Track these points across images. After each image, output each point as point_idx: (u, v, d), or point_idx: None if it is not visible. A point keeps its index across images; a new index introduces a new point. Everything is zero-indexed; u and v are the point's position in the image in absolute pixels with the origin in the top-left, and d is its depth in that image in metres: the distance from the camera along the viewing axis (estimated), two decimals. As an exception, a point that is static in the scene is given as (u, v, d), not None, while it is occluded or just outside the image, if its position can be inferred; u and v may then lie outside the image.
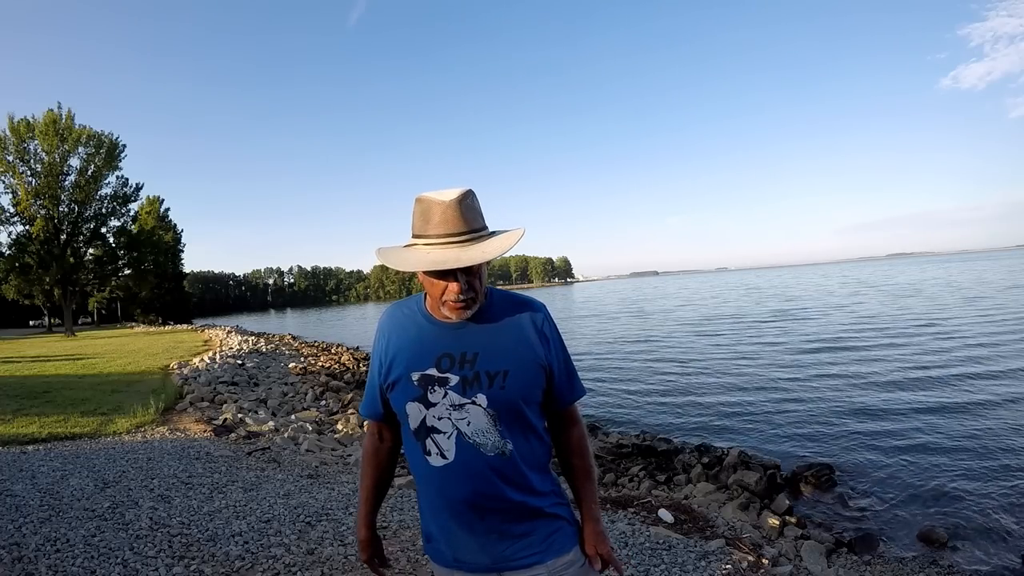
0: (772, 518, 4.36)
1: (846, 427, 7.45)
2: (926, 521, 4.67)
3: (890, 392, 9.11)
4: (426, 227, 1.07)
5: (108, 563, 2.93)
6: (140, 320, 53.01)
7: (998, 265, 71.56)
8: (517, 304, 1.21)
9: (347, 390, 11.03)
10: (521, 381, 1.14)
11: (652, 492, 5.09)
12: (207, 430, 6.40)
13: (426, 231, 1.07)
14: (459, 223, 1.06)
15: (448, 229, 1.06)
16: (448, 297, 1.09)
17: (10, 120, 34.51)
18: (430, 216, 1.07)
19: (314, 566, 2.92)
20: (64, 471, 4.62)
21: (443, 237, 1.06)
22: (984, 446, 6.29)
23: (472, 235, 1.07)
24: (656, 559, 3.09)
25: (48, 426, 6.37)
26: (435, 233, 1.06)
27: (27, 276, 35.75)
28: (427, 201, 1.08)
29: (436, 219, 1.06)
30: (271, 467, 4.91)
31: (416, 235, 1.10)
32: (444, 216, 1.06)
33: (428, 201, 1.08)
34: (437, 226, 1.06)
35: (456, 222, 1.06)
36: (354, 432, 7.08)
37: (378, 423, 1.30)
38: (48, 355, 17.19)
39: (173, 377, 11.05)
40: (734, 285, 73.19)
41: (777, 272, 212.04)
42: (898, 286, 39.56)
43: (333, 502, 3.88)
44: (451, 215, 1.06)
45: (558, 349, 1.21)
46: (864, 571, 3.70)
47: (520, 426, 1.15)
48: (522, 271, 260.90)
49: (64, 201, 36.60)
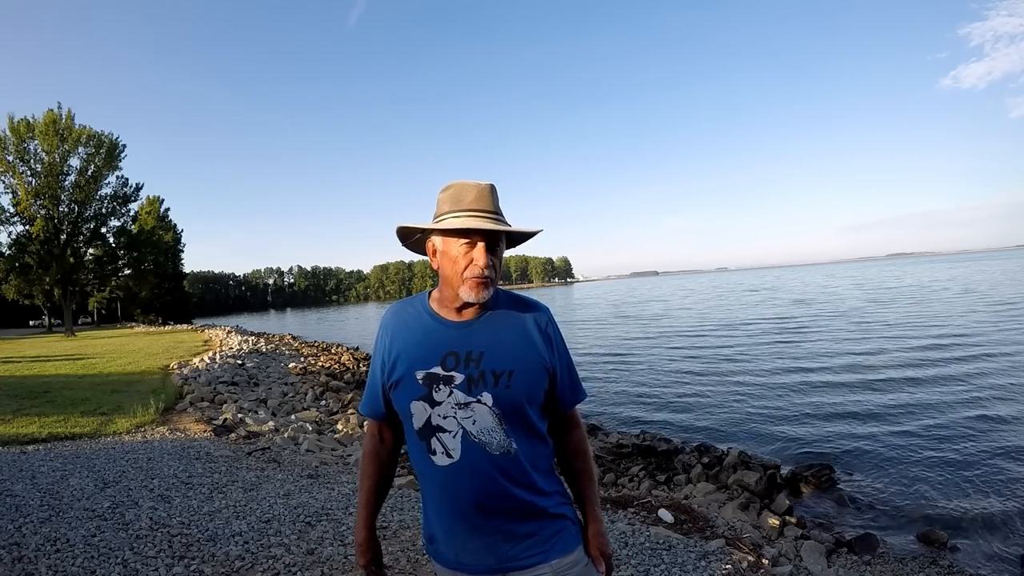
0: (772, 518, 4.36)
1: (846, 427, 7.45)
2: (926, 521, 4.67)
3: (890, 393, 9.10)
4: (459, 203, 1.13)
5: (108, 563, 2.92)
6: (140, 320, 52.98)
7: (996, 266, 71.44)
8: (522, 305, 1.22)
9: (347, 390, 11.03)
10: (526, 381, 1.14)
11: (652, 492, 5.09)
12: (207, 430, 6.40)
13: (459, 207, 1.13)
14: (491, 204, 1.14)
15: (482, 206, 1.13)
16: (472, 272, 1.11)
17: (10, 120, 34.48)
18: (464, 195, 1.14)
19: (314, 566, 2.92)
20: (64, 471, 4.62)
21: (477, 211, 1.12)
22: (984, 447, 6.29)
23: (500, 218, 1.15)
24: (656, 559, 3.09)
25: (48, 426, 6.37)
26: (469, 208, 1.12)
27: (27, 276, 35.73)
28: (460, 184, 1.16)
29: (471, 196, 1.13)
30: (271, 467, 4.90)
31: (444, 214, 1.14)
32: (479, 195, 1.13)
33: (461, 184, 1.16)
34: (472, 203, 1.12)
35: (489, 202, 1.13)
36: (354, 432, 7.07)
37: (379, 423, 1.29)
38: (48, 355, 17.19)
39: (173, 377, 11.05)
40: (735, 286, 73.15)
41: (777, 272, 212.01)
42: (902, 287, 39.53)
43: (333, 502, 3.88)
44: (485, 195, 1.14)
45: (561, 352, 1.22)
46: (864, 571, 3.70)
47: (524, 426, 1.15)
48: (522, 271, 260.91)
49: (64, 201, 36.55)
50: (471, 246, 1.11)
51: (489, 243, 1.11)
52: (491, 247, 1.12)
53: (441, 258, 1.15)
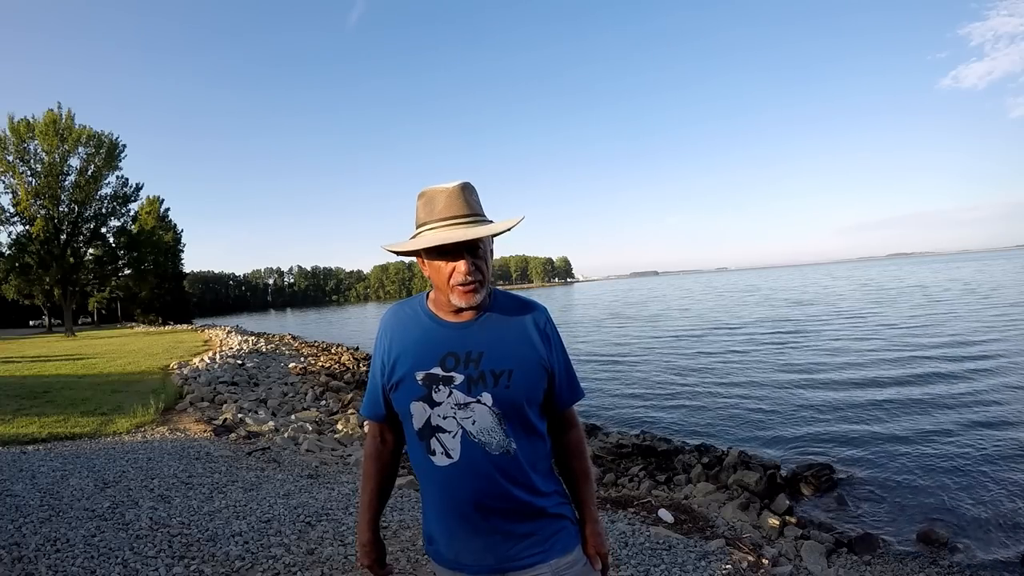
0: (772, 518, 4.36)
1: (846, 427, 7.45)
2: (926, 521, 4.67)
3: (890, 393, 9.10)
4: (431, 213, 1.11)
5: (108, 563, 2.92)
6: (140, 320, 52.95)
7: (996, 266, 71.45)
8: (520, 304, 1.22)
9: (347, 390, 11.03)
10: (525, 381, 1.14)
11: (652, 492, 5.08)
12: (207, 430, 6.40)
13: (431, 217, 1.11)
14: (463, 207, 1.10)
15: (453, 212, 1.09)
16: (456, 280, 1.10)
17: (10, 120, 34.55)
18: (435, 203, 1.11)
19: (314, 566, 2.92)
20: (64, 471, 4.62)
21: (448, 219, 1.09)
22: (985, 447, 6.28)
23: (476, 218, 1.11)
24: (656, 559, 3.09)
25: (48, 426, 6.37)
26: (440, 217, 1.10)
27: (27, 276, 35.77)
28: (430, 191, 1.13)
29: (441, 205, 1.10)
30: (271, 467, 4.91)
31: (421, 224, 1.13)
32: (448, 201, 1.10)
33: (431, 191, 1.13)
34: (442, 211, 1.10)
35: (460, 206, 1.10)
36: (354, 432, 7.07)
37: (380, 425, 1.29)
38: (48, 355, 17.19)
39: (173, 377, 11.05)
40: (735, 285, 73.15)
41: (777, 272, 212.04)
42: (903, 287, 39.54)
43: (333, 502, 3.88)
44: (455, 200, 1.10)
45: (559, 351, 1.22)
46: (864, 571, 3.70)
47: (523, 426, 1.16)
48: (522, 271, 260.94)
49: (64, 201, 36.60)
50: (452, 257, 1.10)
51: (469, 249, 1.09)
52: (472, 251, 1.10)
53: (429, 268, 1.14)
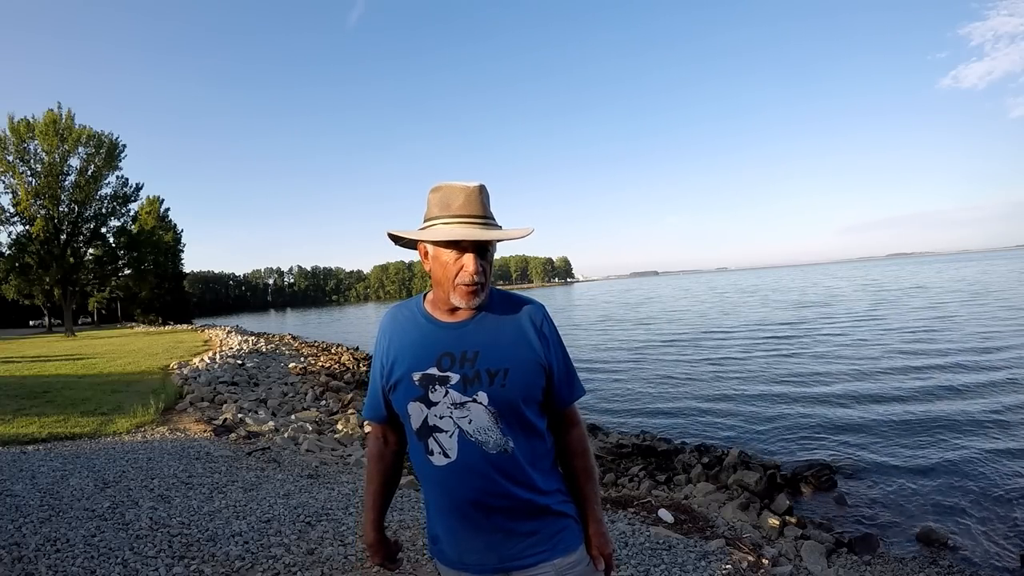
0: (772, 518, 4.36)
1: (846, 427, 7.45)
2: (926, 521, 4.67)
3: (890, 393, 9.10)
4: (447, 209, 1.12)
5: (108, 563, 2.92)
6: (140, 320, 52.93)
7: (997, 266, 71.44)
8: (516, 303, 1.22)
9: (347, 390, 11.03)
10: (522, 379, 1.14)
11: (652, 492, 5.08)
12: (207, 430, 6.40)
13: (447, 212, 1.12)
14: (479, 208, 1.12)
15: (469, 211, 1.11)
16: (462, 279, 1.10)
17: (10, 120, 34.48)
18: (452, 199, 1.12)
19: (314, 566, 2.92)
20: (64, 471, 4.62)
21: (464, 217, 1.11)
22: (985, 447, 6.29)
23: (489, 221, 1.13)
24: (656, 559, 3.09)
25: (48, 426, 6.37)
26: (457, 213, 1.11)
27: (27, 276, 35.73)
28: (447, 187, 1.14)
29: (459, 201, 1.11)
30: (271, 467, 4.90)
31: (433, 217, 1.13)
32: (468, 199, 1.11)
33: (449, 187, 1.14)
34: (460, 208, 1.11)
35: (477, 207, 1.12)
36: (354, 432, 7.07)
37: (382, 426, 1.30)
38: (48, 355, 17.19)
39: (173, 377, 11.05)
40: (735, 285, 73.11)
41: (777, 272, 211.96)
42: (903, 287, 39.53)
43: (333, 502, 3.88)
44: (474, 199, 1.12)
45: (557, 349, 1.22)
46: (864, 571, 3.70)
47: (521, 425, 1.16)
48: (522, 271, 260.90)
49: (64, 201, 36.54)
50: (461, 253, 1.11)
51: (479, 250, 1.11)
52: (481, 252, 1.11)
53: (432, 262, 1.15)
